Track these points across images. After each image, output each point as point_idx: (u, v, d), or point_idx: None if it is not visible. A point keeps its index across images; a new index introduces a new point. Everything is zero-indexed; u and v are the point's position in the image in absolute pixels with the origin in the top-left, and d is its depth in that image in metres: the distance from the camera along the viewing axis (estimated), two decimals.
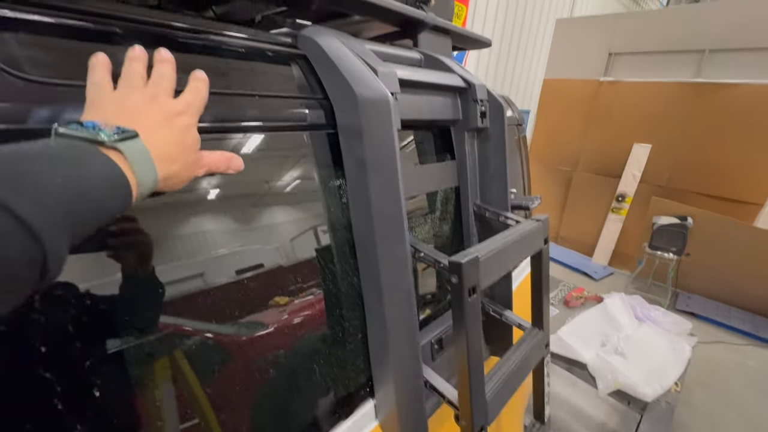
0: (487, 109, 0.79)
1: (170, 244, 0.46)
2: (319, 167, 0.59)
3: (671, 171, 4.54)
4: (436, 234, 0.87)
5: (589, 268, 4.98)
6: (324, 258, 0.61)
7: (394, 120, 0.52)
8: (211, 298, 0.48)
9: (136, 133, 0.33)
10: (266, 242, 0.56)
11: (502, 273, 0.59)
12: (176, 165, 0.36)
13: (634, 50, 4.84)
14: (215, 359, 0.49)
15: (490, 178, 0.82)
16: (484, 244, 0.57)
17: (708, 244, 4.04)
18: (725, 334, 3.82)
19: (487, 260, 0.54)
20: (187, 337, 0.45)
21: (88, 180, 0.28)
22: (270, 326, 0.55)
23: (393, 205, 0.54)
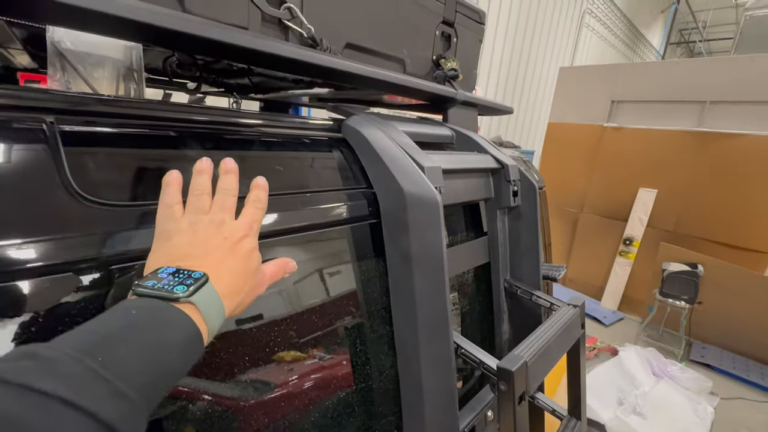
0: (519, 189, 0.80)
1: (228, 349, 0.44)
2: (360, 259, 0.59)
3: (678, 216, 4.54)
4: (465, 312, 0.85)
5: (599, 312, 4.87)
6: (363, 351, 0.59)
7: (442, 216, 0.53)
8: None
9: (207, 279, 0.33)
10: (302, 331, 0.55)
11: (547, 371, 0.57)
12: (242, 295, 0.36)
13: (637, 99, 5.00)
14: None
15: (521, 254, 0.81)
16: (529, 342, 0.55)
17: (720, 293, 3.96)
18: (743, 388, 3.65)
19: (534, 364, 0.53)
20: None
21: (168, 350, 0.28)
22: (302, 414, 0.53)
23: (437, 301, 0.53)
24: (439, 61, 0.93)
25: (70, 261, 0.31)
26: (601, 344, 2.96)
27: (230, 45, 0.45)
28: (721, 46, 11.73)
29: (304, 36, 0.63)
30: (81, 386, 0.22)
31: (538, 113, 8.45)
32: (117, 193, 0.36)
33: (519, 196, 0.80)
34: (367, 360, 0.60)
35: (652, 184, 4.74)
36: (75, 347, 0.24)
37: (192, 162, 0.41)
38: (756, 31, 8.28)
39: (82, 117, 0.38)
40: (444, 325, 0.53)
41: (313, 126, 0.63)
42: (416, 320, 0.54)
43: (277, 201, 0.48)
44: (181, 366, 0.30)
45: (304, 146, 0.59)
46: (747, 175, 4.04)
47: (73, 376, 0.22)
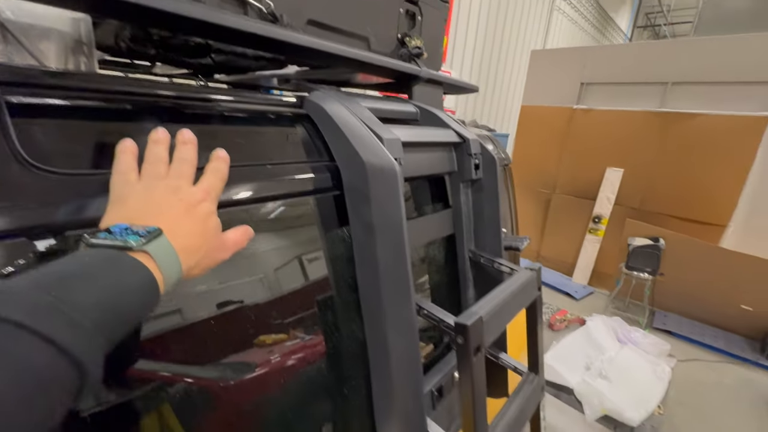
0: (480, 162, 0.83)
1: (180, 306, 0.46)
2: (326, 227, 0.61)
3: (643, 194, 4.78)
4: (433, 280, 0.89)
5: (570, 287, 5.11)
6: (329, 319, 0.62)
7: (401, 186, 0.55)
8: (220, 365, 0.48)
9: (161, 231, 0.34)
10: (271, 299, 0.57)
11: (503, 327, 0.62)
12: (199, 254, 0.37)
13: (604, 81, 5.16)
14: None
15: (484, 225, 0.85)
16: (485, 300, 0.60)
17: (679, 265, 4.23)
18: (700, 351, 3.96)
19: (490, 319, 0.57)
20: (179, 385, 0.45)
21: (123, 292, 0.29)
22: (274, 380, 0.55)
23: (399, 267, 0.56)
24: (403, 40, 0.94)
25: (22, 228, 0.32)
26: (571, 316, 3.12)
27: (183, 17, 0.45)
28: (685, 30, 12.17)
29: (263, 11, 0.63)
30: (37, 314, 0.23)
31: (512, 97, 8.58)
32: (69, 162, 0.36)
33: (480, 170, 0.83)
34: (336, 326, 0.62)
35: (618, 163, 4.95)
36: (31, 283, 0.25)
37: (147, 134, 0.41)
38: (713, 13, 8.65)
39: (28, 88, 0.38)
40: (406, 289, 0.56)
41: (275, 102, 0.64)
42: (380, 286, 0.57)
43: (238, 172, 0.49)
44: (137, 310, 0.30)
45: (266, 121, 0.59)
46: (705, 153, 4.28)
47: (30, 305, 0.23)
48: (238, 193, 0.48)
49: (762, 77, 4.01)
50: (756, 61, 4.02)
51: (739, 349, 3.90)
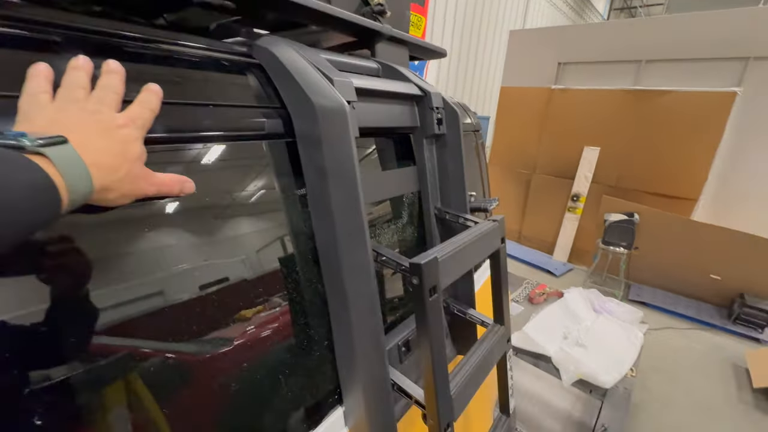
0: (444, 117, 0.82)
1: (128, 260, 0.44)
2: (280, 176, 0.59)
3: (619, 171, 4.90)
4: (400, 238, 0.89)
5: (551, 265, 5.24)
6: (288, 267, 0.61)
7: (352, 128, 0.54)
8: (173, 314, 0.47)
9: (65, 139, 0.31)
10: (228, 255, 0.55)
11: (461, 272, 0.62)
12: (117, 175, 0.35)
13: (581, 60, 5.21)
14: (177, 377, 0.48)
15: (450, 182, 0.85)
16: (443, 245, 0.60)
17: (653, 238, 4.38)
18: (673, 320, 4.15)
19: (446, 260, 0.57)
20: (148, 358, 0.44)
21: (9, 187, 0.27)
22: (236, 340, 0.54)
23: (353, 212, 0.55)
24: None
25: None
26: (549, 290, 3.20)
27: None
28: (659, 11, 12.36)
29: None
30: None
31: (493, 79, 8.59)
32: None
33: (444, 125, 0.83)
34: (295, 277, 0.61)
35: (595, 142, 5.04)
36: None
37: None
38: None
39: None
40: (361, 234, 0.55)
41: (221, 47, 0.61)
42: (335, 232, 0.56)
43: (175, 109, 0.46)
44: (26, 210, 0.28)
45: (211, 65, 0.57)
46: (677, 129, 4.39)
47: None
48: (177, 129, 0.46)
49: (730, 53, 4.12)
50: (725, 37, 4.12)
51: (708, 316, 4.10)
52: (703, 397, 3.04)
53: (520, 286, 3.42)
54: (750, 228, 3.96)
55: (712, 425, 2.73)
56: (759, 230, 3.90)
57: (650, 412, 2.81)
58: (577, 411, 2.01)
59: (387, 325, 0.79)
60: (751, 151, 4.19)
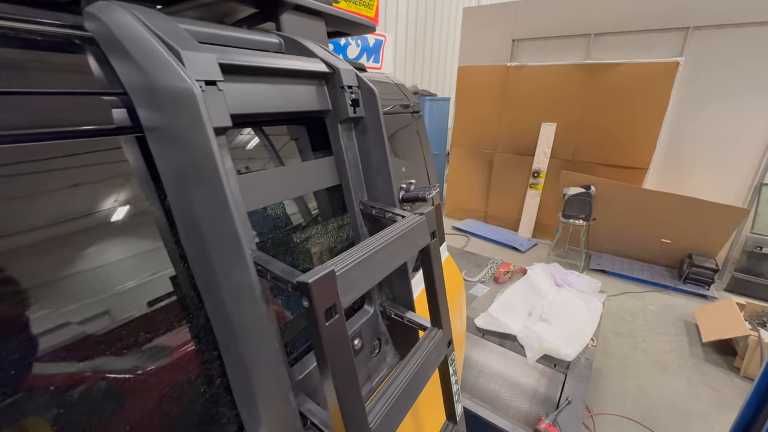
0: (360, 97, 0.71)
1: None
2: (133, 181, 0.46)
3: (575, 145, 5.01)
4: (324, 242, 0.78)
5: (516, 242, 5.34)
6: (161, 292, 0.49)
7: (207, 117, 0.42)
8: None
9: None
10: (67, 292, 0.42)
11: (374, 281, 0.52)
12: None
13: (533, 36, 5.21)
14: None
15: (374, 172, 0.75)
16: (349, 252, 0.49)
17: (609, 208, 4.54)
18: (630, 284, 4.35)
19: (350, 271, 0.47)
20: None
21: None
22: (103, 389, 0.42)
23: (223, 221, 0.44)
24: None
25: None
26: (514, 268, 3.23)
27: None
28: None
29: None
30: None
31: (451, 59, 8.51)
32: None
33: (361, 107, 0.72)
34: (170, 304, 0.49)
35: (551, 118, 5.12)
36: None
37: None
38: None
39: None
40: (236, 248, 0.44)
41: (39, 16, 0.46)
42: (205, 248, 0.44)
43: None
44: None
45: (17, 40, 0.42)
46: (626, 101, 4.51)
47: None
48: None
49: (672, 23, 4.24)
50: (667, 7, 4.23)
51: (660, 278, 4.33)
52: (660, 355, 3.22)
53: (485, 266, 3.43)
54: (696, 192, 4.17)
55: (669, 380, 2.89)
56: (704, 194, 4.12)
57: (612, 376, 2.94)
58: (542, 386, 2.03)
59: (305, 348, 0.68)
60: (695, 119, 4.38)
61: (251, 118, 0.56)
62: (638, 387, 2.84)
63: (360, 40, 5.96)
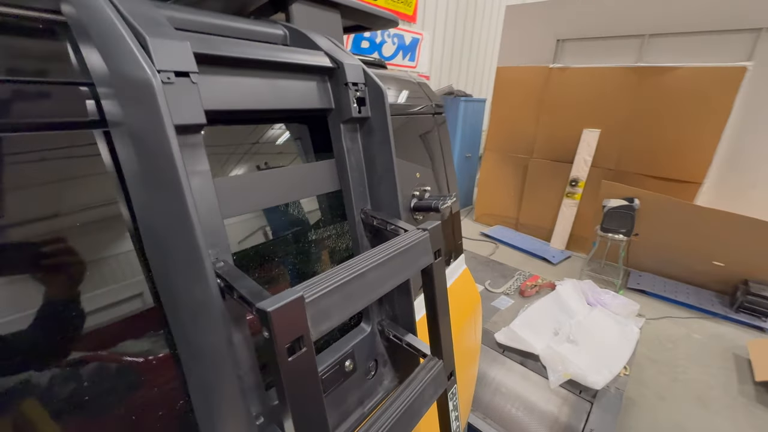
0: (367, 96, 0.64)
1: None
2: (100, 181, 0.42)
3: (619, 154, 4.67)
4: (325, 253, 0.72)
5: (548, 253, 5.07)
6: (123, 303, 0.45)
7: (166, 112, 0.36)
8: None
9: None
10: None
11: (358, 307, 0.45)
12: None
13: (580, 36, 4.90)
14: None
15: (379, 178, 0.68)
16: (325, 275, 0.43)
17: (654, 224, 4.19)
18: (672, 308, 4.00)
19: (323, 298, 0.40)
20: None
21: None
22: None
23: (181, 230, 0.38)
24: None
25: None
26: (542, 281, 3.05)
27: None
28: None
29: None
30: None
31: (490, 60, 8.22)
32: None
33: (367, 106, 0.65)
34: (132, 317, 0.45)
35: (595, 124, 4.80)
36: None
37: None
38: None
39: None
40: (195, 259, 0.39)
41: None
42: (165, 261, 0.40)
43: None
44: None
45: None
46: (681, 108, 4.14)
47: None
48: None
49: (741, 24, 3.83)
50: (735, 7, 3.82)
51: (709, 304, 3.94)
52: (702, 390, 2.91)
53: (511, 278, 3.27)
54: (757, 213, 3.75)
55: (711, 420, 2.61)
56: (766, 215, 3.70)
57: (645, 407, 2.69)
58: (564, 414, 1.87)
59: None
60: (761, 132, 3.94)
61: (239, 115, 0.51)
62: (674, 423, 2.58)
63: (396, 38, 5.90)
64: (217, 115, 0.49)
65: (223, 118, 0.53)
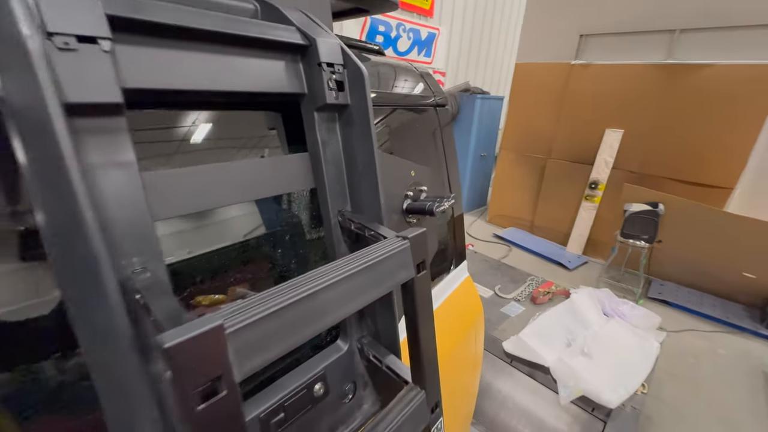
0: (346, 79, 0.55)
1: None
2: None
3: (643, 156, 4.43)
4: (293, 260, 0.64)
5: (563, 257, 4.88)
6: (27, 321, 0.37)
7: (48, 86, 0.28)
8: None
9: None
10: None
11: (307, 335, 0.36)
12: None
13: (605, 31, 4.67)
14: None
15: (360, 175, 0.59)
16: (260, 296, 0.34)
17: (679, 231, 3.95)
18: (696, 321, 3.76)
19: (255, 325, 0.31)
20: None
21: None
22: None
23: (74, 237, 0.30)
24: None
25: None
26: (556, 288, 2.90)
27: None
28: None
29: None
30: None
31: (509, 56, 7.98)
32: None
33: (346, 91, 0.56)
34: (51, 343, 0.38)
35: (618, 124, 4.57)
36: None
37: None
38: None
39: None
40: (92, 274, 0.31)
41: None
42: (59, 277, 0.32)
43: None
44: None
45: None
46: (714, 108, 3.88)
47: None
48: None
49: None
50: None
51: (737, 318, 3.69)
52: (728, 410, 2.71)
53: (523, 283, 3.12)
54: None
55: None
56: None
57: (664, 427, 2.51)
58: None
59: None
60: None
61: (187, 97, 0.43)
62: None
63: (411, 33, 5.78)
64: (155, 97, 0.41)
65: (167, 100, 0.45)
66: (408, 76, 0.90)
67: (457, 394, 1.19)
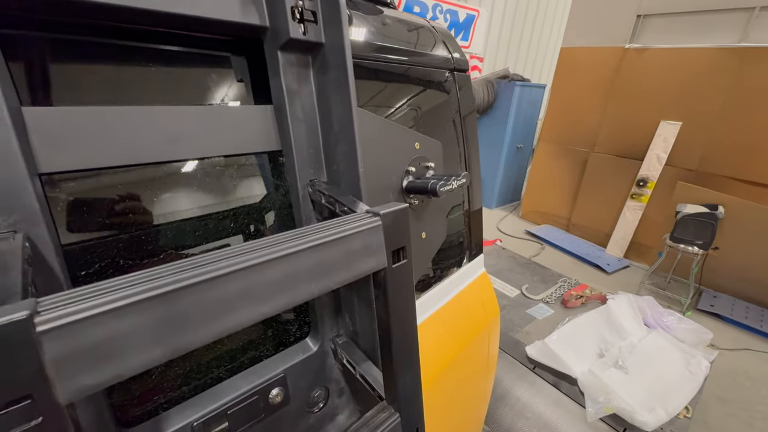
0: (319, 9, 0.43)
1: None
2: None
3: (703, 152, 3.96)
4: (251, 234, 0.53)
5: (602, 260, 4.52)
6: None
7: None
8: None
9: None
10: None
11: (198, 340, 0.25)
12: None
13: (668, 10, 4.17)
14: None
15: (336, 136, 0.47)
16: (126, 278, 0.24)
17: (741, 237, 3.51)
18: (754, 339, 3.34)
19: (99, 321, 0.21)
20: None
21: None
22: None
23: None
24: None
25: None
26: (590, 292, 2.65)
27: None
28: None
29: None
30: None
31: (555, 41, 7.43)
32: None
33: (320, 26, 0.43)
34: None
35: (676, 115, 4.10)
36: None
37: None
38: None
39: None
40: None
41: None
42: None
43: None
44: None
45: None
46: None
47: None
48: None
49: None
50: None
51: None
52: None
53: (554, 284, 2.89)
54: None
55: None
56: None
57: None
58: None
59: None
60: None
61: (99, 17, 0.32)
62: None
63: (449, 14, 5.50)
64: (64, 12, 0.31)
65: (80, 22, 0.35)
66: (421, 32, 0.76)
67: (466, 397, 1.07)
